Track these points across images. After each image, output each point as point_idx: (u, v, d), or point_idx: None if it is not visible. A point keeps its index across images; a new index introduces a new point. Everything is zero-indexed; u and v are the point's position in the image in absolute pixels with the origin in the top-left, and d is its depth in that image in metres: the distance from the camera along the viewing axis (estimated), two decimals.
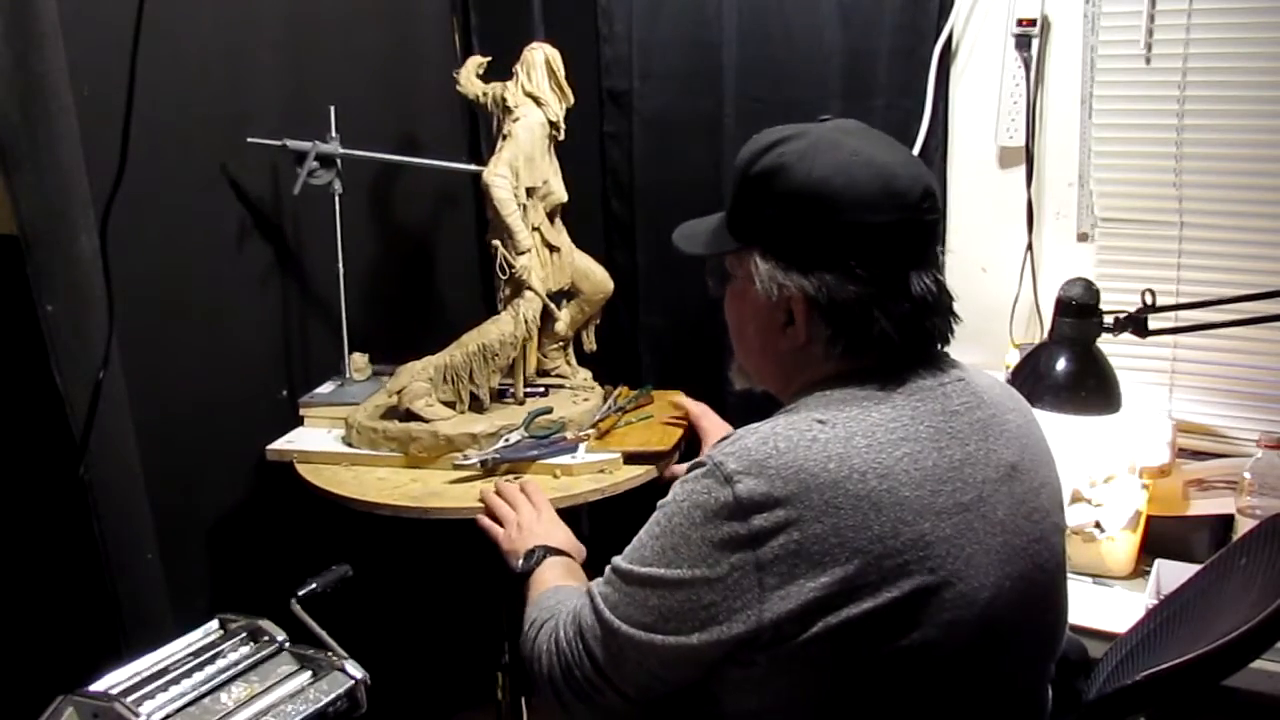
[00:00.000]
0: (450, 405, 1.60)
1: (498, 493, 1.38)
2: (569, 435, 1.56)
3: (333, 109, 1.62)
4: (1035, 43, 1.76)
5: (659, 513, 0.94)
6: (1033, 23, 1.75)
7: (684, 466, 1.44)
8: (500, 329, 1.62)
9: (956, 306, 0.98)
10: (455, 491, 1.46)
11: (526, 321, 1.63)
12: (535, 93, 1.67)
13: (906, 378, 0.94)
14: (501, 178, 1.62)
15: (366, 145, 1.67)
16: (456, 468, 1.50)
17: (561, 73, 1.70)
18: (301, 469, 1.53)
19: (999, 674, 0.93)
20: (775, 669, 0.88)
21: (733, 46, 1.94)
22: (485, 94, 1.69)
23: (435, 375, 1.59)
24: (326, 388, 1.72)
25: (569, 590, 1.13)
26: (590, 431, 1.60)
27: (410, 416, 1.57)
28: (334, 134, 1.64)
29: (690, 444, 1.60)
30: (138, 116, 1.30)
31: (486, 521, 1.35)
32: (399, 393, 1.56)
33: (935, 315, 0.95)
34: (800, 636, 0.85)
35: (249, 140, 1.55)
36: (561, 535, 1.30)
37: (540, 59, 1.68)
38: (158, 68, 1.38)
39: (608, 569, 0.98)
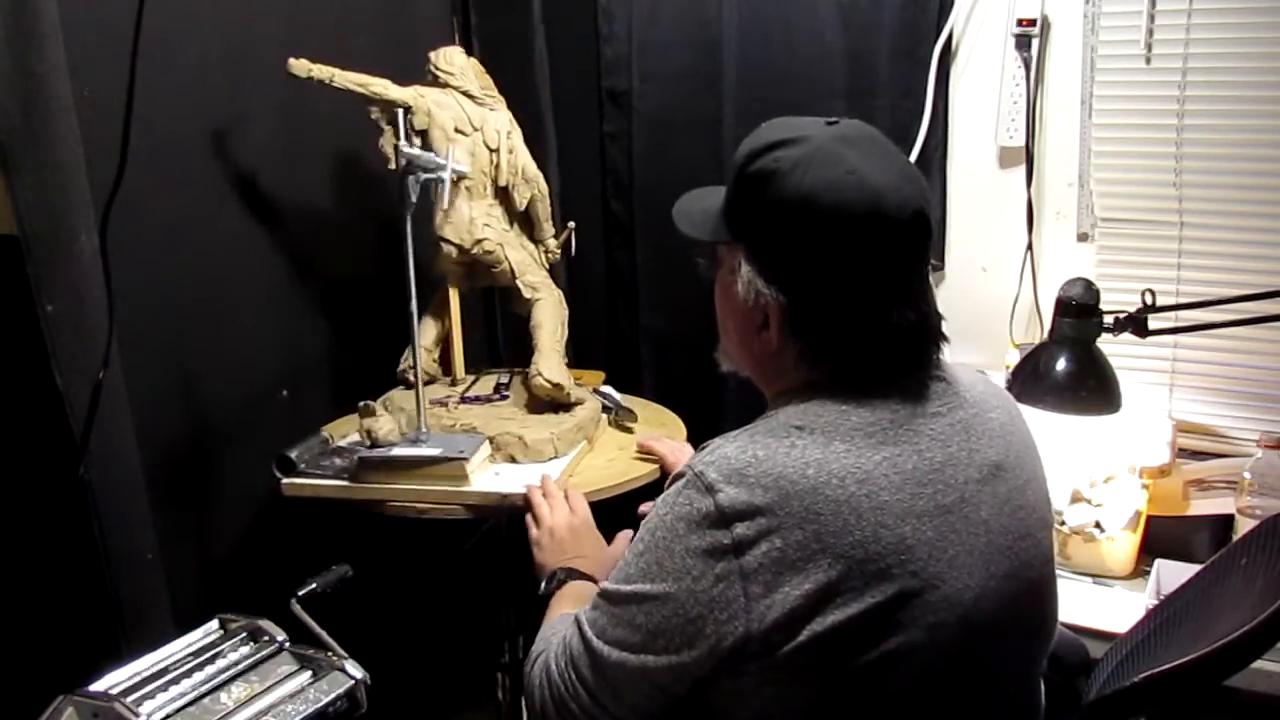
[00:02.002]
0: None
1: (543, 491, 1.38)
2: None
3: (401, 113, 1.54)
4: (1035, 43, 1.76)
5: (642, 529, 0.94)
6: (1033, 23, 1.75)
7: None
8: (558, 307, 1.69)
9: (956, 308, 0.98)
10: (670, 433, 1.67)
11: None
12: (492, 91, 1.68)
13: (886, 381, 0.93)
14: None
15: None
16: (627, 428, 1.68)
17: (483, 73, 1.71)
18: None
19: (987, 673, 0.93)
20: (763, 678, 0.88)
21: (733, 46, 1.94)
22: (421, 96, 1.62)
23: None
24: (411, 449, 1.45)
25: (569, 618, 1.11)
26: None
27: (566, 406, 1.61)
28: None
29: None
30: (137, 116, 1.30)
31: (528, 519, 1.36)
32: (567, 391, 1.59)
33: (913, 342, 0.94)
34: (787, 645, 0.85)
35: (398, 148, 1.43)
36: (592, 549, 1.29)
37: (466, 60, 1.68)
38: (157, 68, 1.37)
39: (595, 593, 0.98)
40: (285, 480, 1.47)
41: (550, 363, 1.60)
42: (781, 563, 0.84)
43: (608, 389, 1.74)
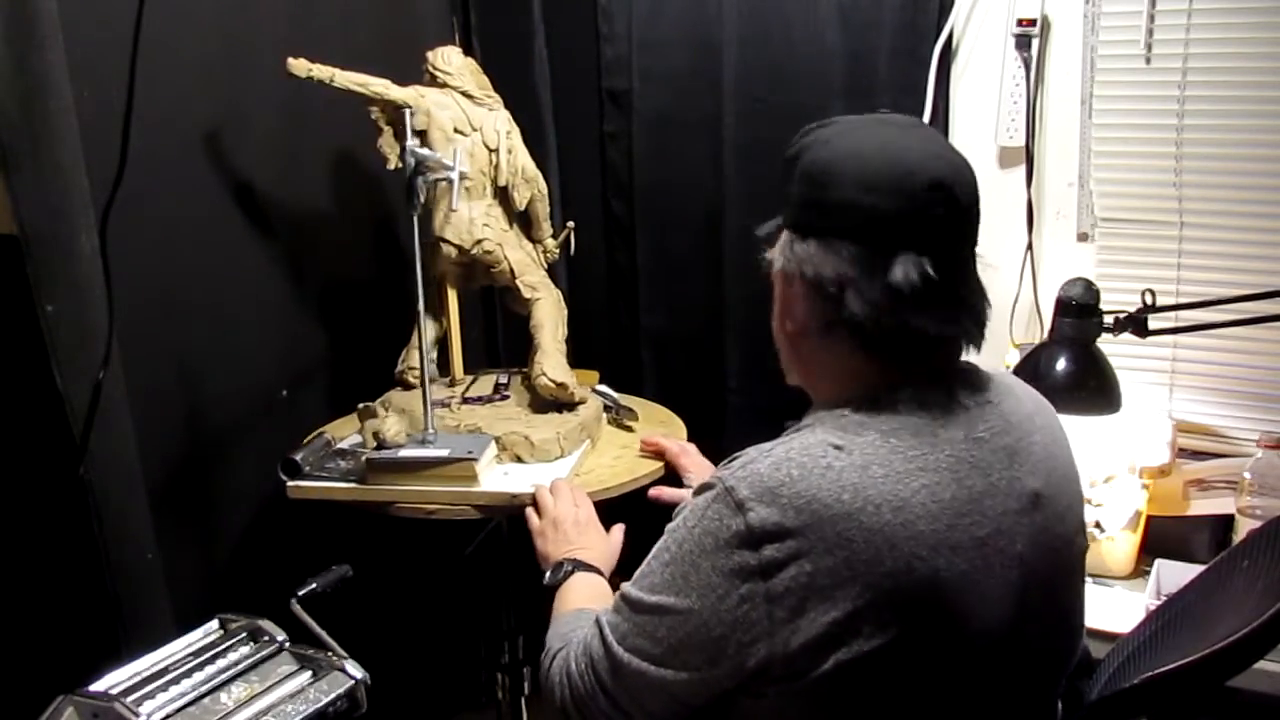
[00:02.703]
0: None
1: (551, 487, 1.38)
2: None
3: (407, 114, 1.51)
4: (1035, 43, 1.76)
5: (668, 537, 0.92)
6: (1033, 23, 1.75)
7: (669, 491, 1.41)
8: (558, 306, 1.68)
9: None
10: (670, 431, 1.66)
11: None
12: (490, 91, 1.68)
13: (931, 400, 0.89)
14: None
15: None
16: (627, 428, 1.67)
17: (479, 73, 1.71)
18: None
19: (1012, 701, 0.92)
20: (785, 701, 0.86)
21: (733, 46, 1.94)
22: (421, 96, 1.61)
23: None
24: (419, 450, 1.45)
25: (588, 616, 1.10)
26: None
27: (569, 405, 1.60)
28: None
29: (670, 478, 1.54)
30: (137, 116, 1.30)
31: (529, 510, 1.36)
32: (571, 390, 1.58)
33: (921, 309, 0.87)
34: (813, 672, 0.83)
35: (409, 148, 1.41)
36: (595, 541, 1.29)
37: (464, 61, 1.67)
38: (157, 68, 1.37)
39: (617, 596, 0.97)
40: (291, 483, 1.45)
41: (554, 362, 1.61)
42: (810, 588, 0.82)
43: (604, 388, 1.74)
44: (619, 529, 1.34)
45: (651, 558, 0.94)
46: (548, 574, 1.23)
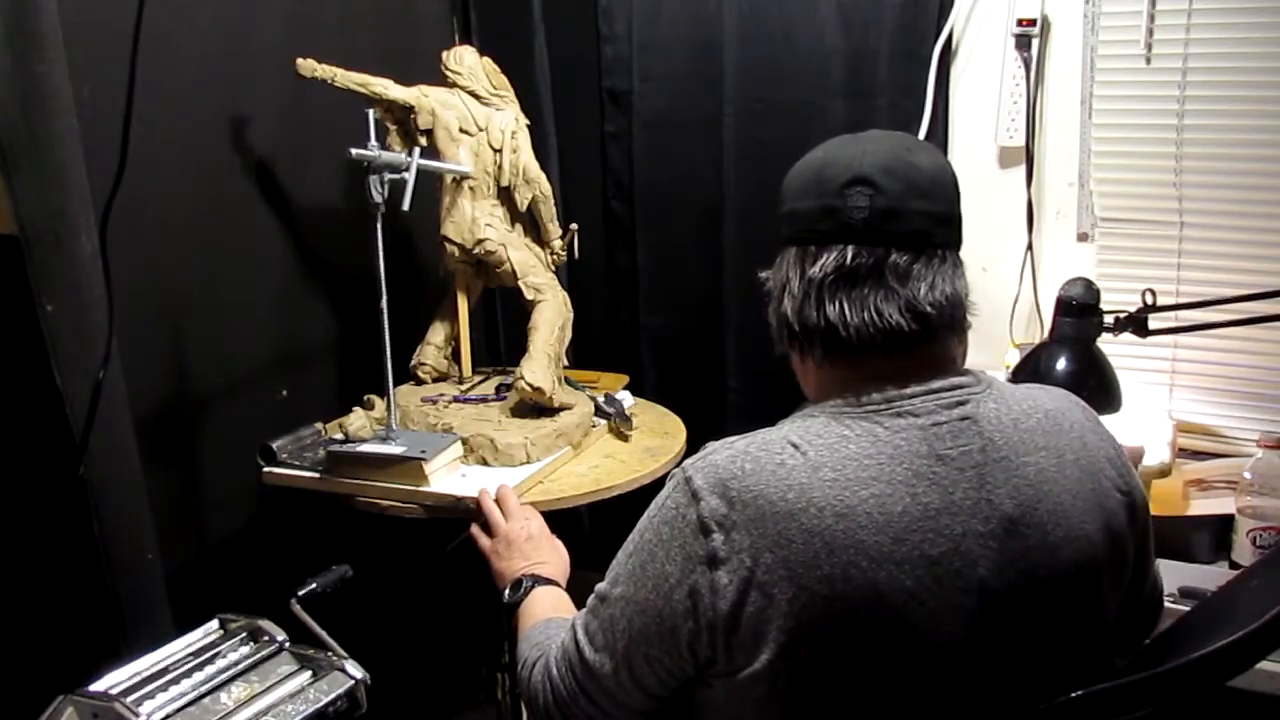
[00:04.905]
0: None
1: (497, 498, 1.37)
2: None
3: (370, 114, 1.51)
4: (1035, 43, 1.76)
5: (636, 527, 0.93)
6: (1033, 23, 1.75)
7: None
8: (559, 309, 1.67)
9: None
10: (666, 443, 1.64)
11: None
12: (503, 91, 1.68)
13: (900, 411, 0.86)
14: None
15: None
16: (624, 436, 1.65)
17: (496, 73, 1.71)
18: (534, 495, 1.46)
19: (976, 711, 0.88)
20: (730, 696, 0.86)
21: (733, 47, 1.94)
22: (425, 96, 1.62)
23: (555, 366, 1.62)
24: (377, 447, 1.46)
25: (559, 624, 1.11)
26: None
27: (551, 410, 1.59)
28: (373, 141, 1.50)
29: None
30: (138, 116, 1.30)
31: (476, 530, 1.35)
32: (550, 395, 1.56)
33: (835, 297, 0.88)
34: (746, 668, 0.83)
35: (353, 151, 1.42)
36: (549, 555, 1.29)
37: (477, 60, 1.68)
38: (158, 68, 1.38)
39: (592, 596, 0.98)
40: (265, 469, 1.50)
41: (535, 366, 1.58)
42: (749, 583, 0.81)
43: (622, 394, 1.73)
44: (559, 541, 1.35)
45: (621, 550, 0.95)
46: (506, 592, 1.23)
